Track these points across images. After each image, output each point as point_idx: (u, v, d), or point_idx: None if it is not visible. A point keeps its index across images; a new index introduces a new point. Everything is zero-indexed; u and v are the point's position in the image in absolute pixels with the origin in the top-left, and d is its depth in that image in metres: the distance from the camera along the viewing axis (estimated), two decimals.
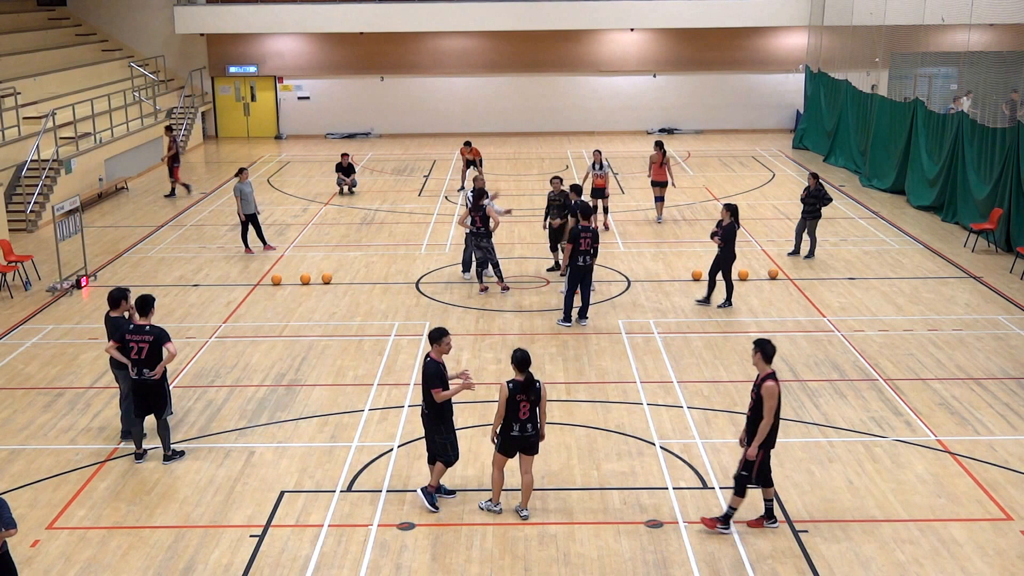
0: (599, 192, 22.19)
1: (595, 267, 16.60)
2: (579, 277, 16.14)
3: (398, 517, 10.66)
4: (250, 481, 11.48)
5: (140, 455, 11.96)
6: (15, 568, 8.51)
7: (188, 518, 10.71)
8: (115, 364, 12.26)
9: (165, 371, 11.82)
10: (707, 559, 9.86)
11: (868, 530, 10.35)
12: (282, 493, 11.19)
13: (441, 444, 10.64)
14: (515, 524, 10.49)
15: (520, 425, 10.28)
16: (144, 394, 11.73)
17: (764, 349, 10.05)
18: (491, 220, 17.71)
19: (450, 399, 10.53)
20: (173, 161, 26.83)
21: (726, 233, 16.76)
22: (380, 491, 11.20)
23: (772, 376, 9.97)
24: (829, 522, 10.50)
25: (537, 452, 10.52)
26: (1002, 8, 23.60)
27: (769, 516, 10.33)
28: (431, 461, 10.84)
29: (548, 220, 19.09)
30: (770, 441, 10.03)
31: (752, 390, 10.09)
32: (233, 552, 10.08)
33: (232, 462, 11.95)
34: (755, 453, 9.95)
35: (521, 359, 10.29)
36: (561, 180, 19.24)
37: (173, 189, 27.03)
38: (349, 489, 11.26)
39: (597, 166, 22.24)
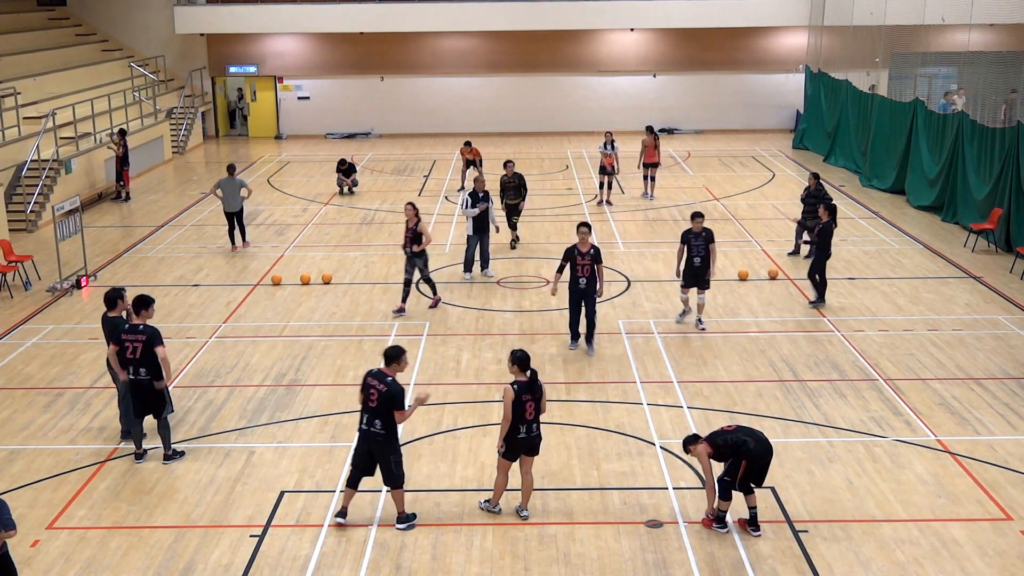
0: (605, 170, 25.03)
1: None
2: (578, 299, 15.00)
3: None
4: (250, 481, 11.48)
5: (140, 455, 11.92)
6: (15, 568, 8.51)
7: (188, 518, 10.71)
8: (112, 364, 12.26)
9: (161, 371, 11.68)
10: (707, 559, 9.86)
11: (868, 530, 10.35)
12: (282, 493, 11.19)
13: (397, 464, 10.28)
14: (515, 524, 10.49)
15: (527, 426, 10.23)
16: (141, 395, 11.66)
17: (685, 444, 10.41)
18: (424, 237, 16.68)
19: None
20: (123, 164, 26.43)
21: (823, 232, 16.83)
22: (380, 491, 11.19)
23: (698, 442, 10.28)
24: (829, 522, 10.50)
25: (538, 453, 10.52)
26: (1002, 8, 23.60)
27: (752, 523, 10.30)
28: (363, 483, 10.47)
29: (504, 200, 20.83)
30: (738, 461, 10.13)
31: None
32: (233, 552, 10.08)
33: (232, 462, 11.95)
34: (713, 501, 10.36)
35: (522, 359, 10.21)
36: (513, 164, 21.25)
37: (127, 194, 26.72)
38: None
39: (609, 147, 24.78)
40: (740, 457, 10.05)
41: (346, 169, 27.07)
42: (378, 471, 10.36)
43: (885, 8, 27.99)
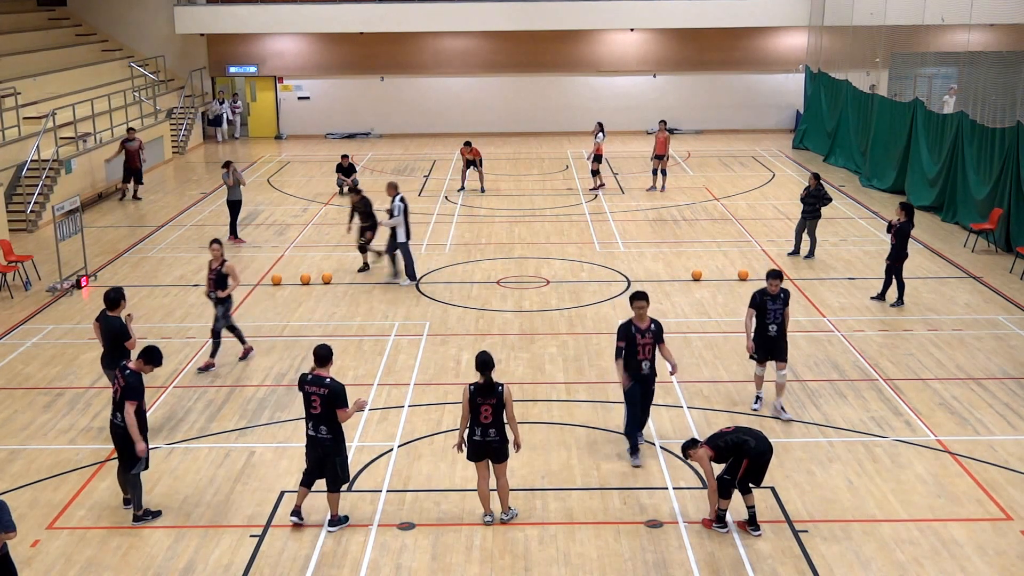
0: (599, 157, 26.72)
1: (598, 267, 16.51)
2: (642, 389, 11.83)
3: (398, 517, 10.66)
4: (250, 481, 11.48)
5: (128, 501, 10.89)
6: (15, 569, 8.51)
7: (188, 518, 10.71)
8: (106, 364, 12.23)
9: (143, 423, 10.47)
10: (707, 559, 9.86)
11: (868, 530, 10.35)
12: (282, 493, 11.18)
13: (342, 466, 10.31)
14: (515, 524, 10.49)
15: (482, 429, 10.17)
16: (117, 442, 10.58)
17: (683, 449, 10.45)
18: (230, 279, 14.67)
19: None
20: (138, 160, 26.46)
21: (900, 232, 16.88)
22: (380, 491, 11.20)
23: (698, 446, 10.28)
24: (829, 522, 10.50)
25: (506, 459, 10.38)
26: (1002, 8, 23.60)
27: (752, 522, 10.31)
28: (309, 486, 10.48)
29: (350, 223, 19.55)
30: (739, 460, 10.16)
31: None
32: (233, 552, 10.08)
33: (232, 462, 11.95)
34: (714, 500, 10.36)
35: (482, 362, 10.16)
36: (359, 192, 19.85)
37: (134, 192, 26.82)
38: (349, 489, 11.25)
39: (600, 136, 26.77)
40: (741, 456, 10.07)
41: (346, 169, 27.05)
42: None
43: (885, 8, 27.99)
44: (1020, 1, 23.16)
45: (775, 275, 12.81)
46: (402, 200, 18.42)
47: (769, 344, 12.88)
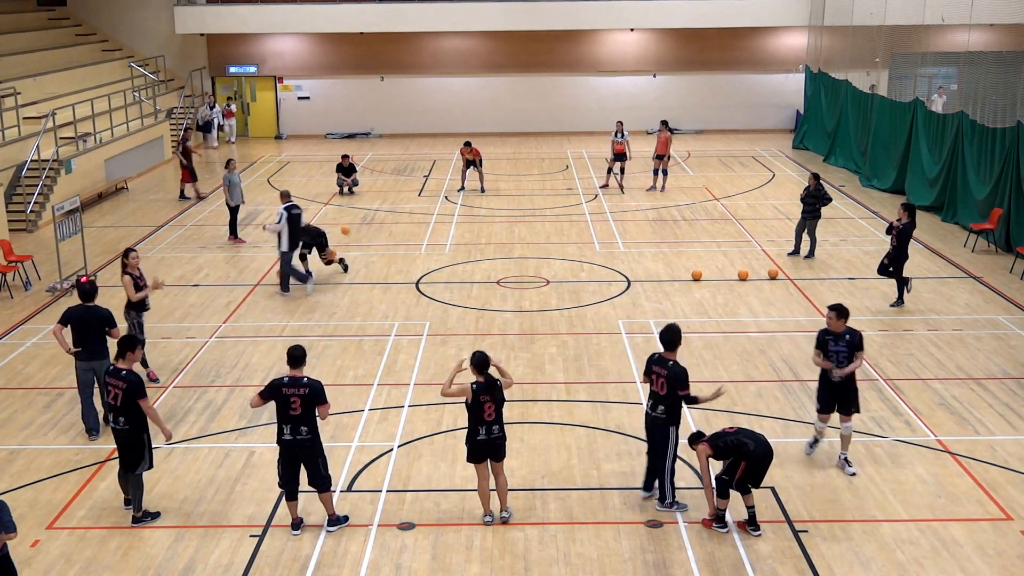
0: (620, 156, 26.73)
1: (598, 267, 16.51)
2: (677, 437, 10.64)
3: (398, 517, 10.66)
4: (250, 481, 11.48)
5: (129, 502, 10.87)
6: (15, 569, 8.51)
7: (188, 518, 10.71)
8: (93, 356, 12.28)
9: (144, 422, 10.52)
10: (707, 559, 9.86)
11: (868, 530, 10.35)
12: (282, 493, 11.17)
13: (324, 465, 10.27)
14: (515, 524, 10.49)
15: (486, 427, 10.21)
16: (119, 444, 10.52)
17: (689, 440, 10.53)
18: (148, 289, 14.15)
19: None
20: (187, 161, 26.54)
21: (902, 232, 16.84)
22: (380, 491, 11.20)
23: (700, 441, 10.36)
24: (829, 522, 10.50)
25: (504, 456, 10.43)
26: (1002, 8, 23.60)
27: (752, 522, 10.31)
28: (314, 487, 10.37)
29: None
30: (738, 462, 10.17)
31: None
32: (233, 552, 10.08)
33: (232, 462, 11.95)
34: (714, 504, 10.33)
35: (480, 360, 10.21)
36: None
37: (196, 192, 26.86)
38: (349, 489, 11.26)
39: (619, 135, 26.77)
40: (740, 458, 10.07)
41: (347, 168, 27.07)
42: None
43: (885, 8, 28.00)
44: (1020, 1, 23.16)
45: (834, 308, 11.33)
46: (287, 209, 17.93)
47: (833, 390, 11.36)
